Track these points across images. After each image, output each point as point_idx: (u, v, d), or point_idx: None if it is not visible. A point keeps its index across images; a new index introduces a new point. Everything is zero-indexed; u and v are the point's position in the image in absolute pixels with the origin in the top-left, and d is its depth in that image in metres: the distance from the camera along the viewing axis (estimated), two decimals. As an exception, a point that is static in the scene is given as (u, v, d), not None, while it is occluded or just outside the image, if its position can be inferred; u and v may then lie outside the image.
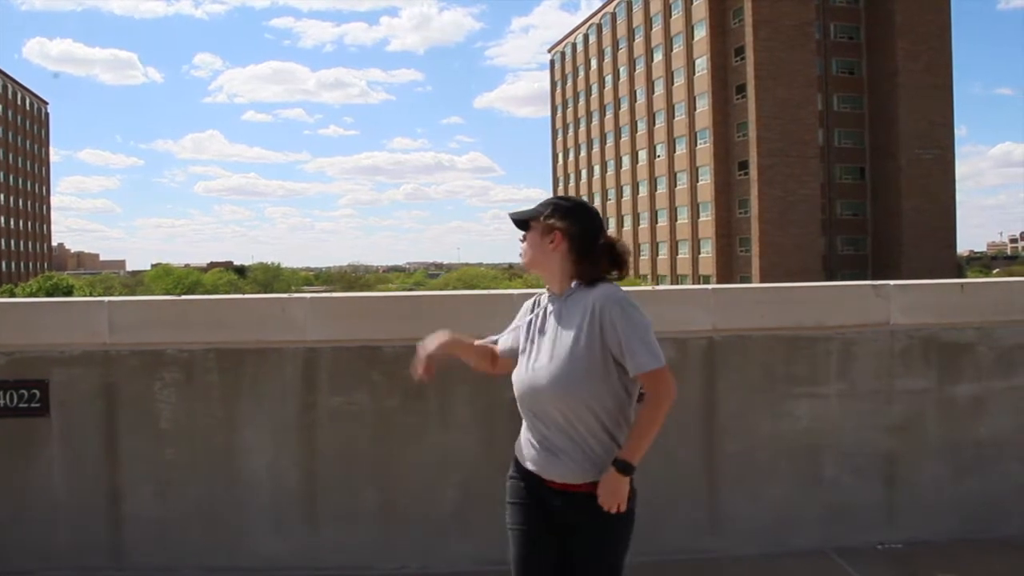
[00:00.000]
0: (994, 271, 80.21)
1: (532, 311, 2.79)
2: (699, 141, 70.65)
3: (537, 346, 2.67)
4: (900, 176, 65.80)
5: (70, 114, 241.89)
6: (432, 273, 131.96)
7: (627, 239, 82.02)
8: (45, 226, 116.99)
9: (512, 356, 2.80)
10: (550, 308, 2.70)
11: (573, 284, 2.66)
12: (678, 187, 73.98)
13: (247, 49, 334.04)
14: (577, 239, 2.64)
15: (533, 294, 2.98)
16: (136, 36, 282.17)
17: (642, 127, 79.94)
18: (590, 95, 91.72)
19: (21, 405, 4.12)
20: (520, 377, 2.69)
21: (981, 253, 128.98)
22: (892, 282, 4.51)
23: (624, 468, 2.51)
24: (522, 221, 2.74)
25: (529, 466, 2.68)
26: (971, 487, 4.50)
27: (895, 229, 66.32)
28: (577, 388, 2.55)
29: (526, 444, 2.71)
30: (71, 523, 4.17)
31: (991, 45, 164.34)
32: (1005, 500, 4.51)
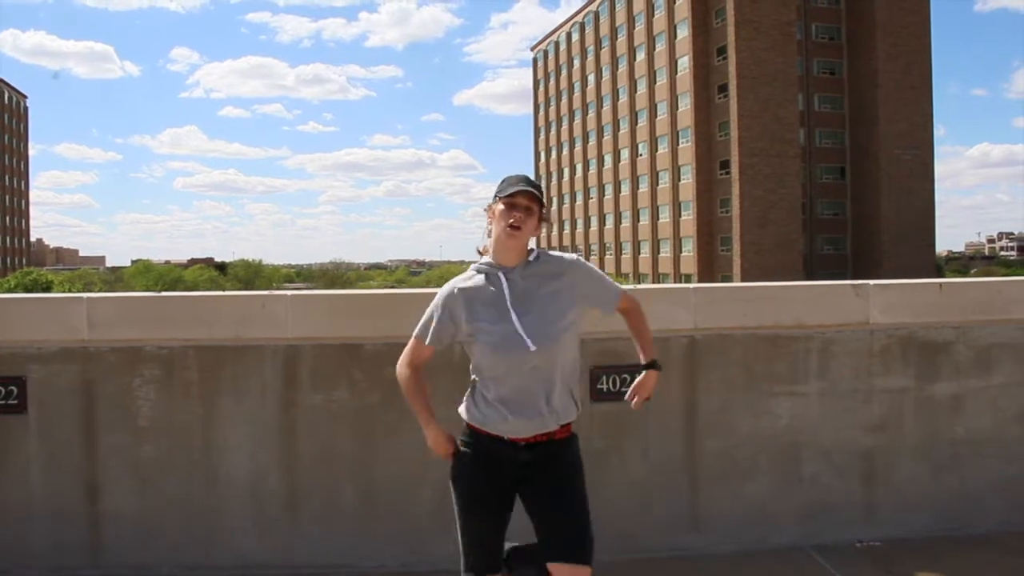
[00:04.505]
0: (972, 271, 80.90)
1: (483, 287, 2.82)
2: (681, 140, 70.88)
3: (517, 314, 2.75)
4: (880, 176, 66.34)
5: (45, 107, 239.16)
6: (414, 271, 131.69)
7: (609, 237, 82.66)
8: (24, 221, 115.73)
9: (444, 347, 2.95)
10: (510, 278, 2.79)
11: (531, 257, 2.82)
12: (660, 186, 74.19)
13: (224, 43, 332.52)
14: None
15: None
16: (111, 29, 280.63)
17: (624, 126, 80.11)
18: (573, 93, 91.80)
19: (-3, 402, 4.07)
20: (509, 342, 2.74)
21: (959, 253, 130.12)
22: (872, 281, 4.54)
23: (659, 366, 2.92)
24: (536, 197, 2.78)
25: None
26: (949, 485, 4.54)
27: (875, 229, 66.86)
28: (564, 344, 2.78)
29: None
30: (48, 522, 4.13)
31: (967, 46, 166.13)
32: (982, 497, 4.55)
